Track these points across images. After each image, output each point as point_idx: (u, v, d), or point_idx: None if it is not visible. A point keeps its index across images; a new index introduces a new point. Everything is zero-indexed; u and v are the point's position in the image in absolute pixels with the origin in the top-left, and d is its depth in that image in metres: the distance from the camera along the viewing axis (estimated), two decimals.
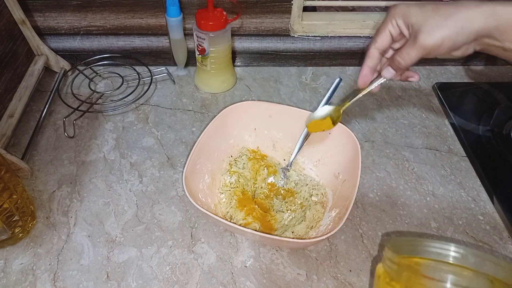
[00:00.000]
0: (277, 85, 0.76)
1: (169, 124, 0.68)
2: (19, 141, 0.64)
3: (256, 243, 0.52)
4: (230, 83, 0.75)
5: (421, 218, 0.55)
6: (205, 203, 0.52)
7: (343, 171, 0.55)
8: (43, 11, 0.71)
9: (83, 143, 0.64)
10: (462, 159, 0.63)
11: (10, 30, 0.66)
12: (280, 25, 0.74)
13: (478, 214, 0.55)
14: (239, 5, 0.70)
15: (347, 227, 0.54)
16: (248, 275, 0.49)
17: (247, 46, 0.77)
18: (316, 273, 0.49)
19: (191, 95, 0.74)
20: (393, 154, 0.64)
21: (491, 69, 0.81)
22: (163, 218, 0.54)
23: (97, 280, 0.48)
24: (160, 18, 0.72)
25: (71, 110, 0.67)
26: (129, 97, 0.71)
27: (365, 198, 0.57)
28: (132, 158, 0.62)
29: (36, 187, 0.58)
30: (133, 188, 0.58)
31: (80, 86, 0.74)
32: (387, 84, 0.77)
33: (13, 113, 0.63)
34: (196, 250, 0.51)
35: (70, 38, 0.75)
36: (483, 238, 0.53)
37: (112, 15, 0.71)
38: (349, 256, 0.51)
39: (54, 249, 0.51)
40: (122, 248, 0.51)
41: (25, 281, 0.47)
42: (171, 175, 0.60)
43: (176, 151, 0.63)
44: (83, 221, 0.54)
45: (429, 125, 0.69)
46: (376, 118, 0.70)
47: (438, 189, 0.59)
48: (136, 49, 0.77)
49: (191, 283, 0.48)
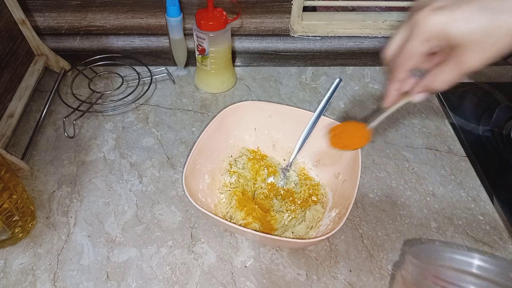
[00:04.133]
0: (277, 85, 0.76)
1: (169, 124, 0.68)
2: (19, 141, 0.64)
3: (256, 243, 0.52)
4: (230, 83, 0.75)
5: (421, 218, 0.55)
6: (205, 203, 0.52)
7: (343, 171, 0.55)
8: (43, 11, 0.71)
9: (83, 143, 0.64)
10: (462, 159, 0.63)
11: (10, 30, 0.66)
12: (280, 25, 0.74)
13: (478, 214, 0.55)
14: (239, 5, 0.70)
15: (347, 227, 0.54)
16: (248, 275, 0.49)
17: (247, 46, 0.77)
18: (316, 273, 0.49)
19: (191, 95, 0.74)
20: (393, 154, 0.64)
21: (491, 69, 0.81)
22: (163, 218, 0.54)
23: (97, 280, 0.48)
24: (160, 18, 0.72)
25: (71, 110, 0.67)
26: (129, 97, 0.71)
27: (365, 198, 0.57)
28: (132, 158, 0.62)
29: (36, 187, 0.58)
30: (133, 188, 0.58)
31: (80, 86, 0.74)
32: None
33: (13, 113, 0.63)
34: (196, 250, 0.51)
35: (70, 38, 0.75)
36: (483, 238, 0.53)
37: (112, 15, 0.71)
38: (349, 256, 0.51)
39: (54, 249, 0.51)
40: (122, 248, 0.51)
41: (25, 281, 0.47)
42: (171, 175, 0.60)
43: (176, 151, 0.63)
44: (83, 221, 0.54)
45: (429, 125, 0.69)
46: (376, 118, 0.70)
47: (438, 189, 0.59)
48: (136, 49, 0.77)
49: (191, 283, 0.48)
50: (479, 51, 0.31)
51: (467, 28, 0.30)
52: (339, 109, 0.71)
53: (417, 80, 0.37)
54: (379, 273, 0.49)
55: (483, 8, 0.29)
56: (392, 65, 0.36)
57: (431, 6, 0.31)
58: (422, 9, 0.32)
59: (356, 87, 0.76)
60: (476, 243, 0.52)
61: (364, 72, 0.80)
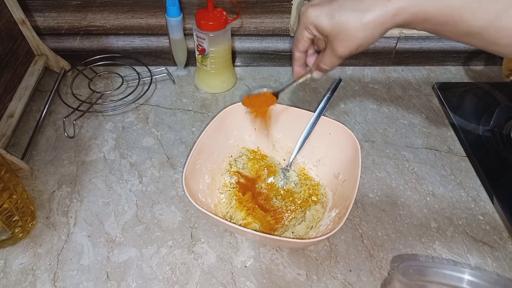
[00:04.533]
0: (277, 85, 0.76)
1: (169, 124, 0.68)
2: (19, 141, 0.64)
3: (256, 243, 0.52)
4: (230, 83, 0.75)
5: (421, 218, 0.55)
6: (205, 203, 0.52)
7: (343, 171, 0.55)
8: (43, 11, 0.71)
9: (83, 143, 0.64)
10: (462, 159, 0.63)
11: (10, 30, 0.66)
12: (280, 25, 0.74)
13: (478, 214, 0.55)
14: (239, 5, 0.70)
15: (347, 227, 0.54)
16: (248, 275, 0.49)
17: (247, 46, 0.77)
18: (316, 273, 0.49)
19: (191, 95, 0.74)
20: (393, 154, 0.64)
21: (491, 69, 0.81)
22: (163, 218, 0.54)
23: (97, 280, 0.48)
24: (160, 18, 0.72)
25: (71, 110, 0.67)
26: (129, 97, 0.71)
27: (365, 198, 0.57)
28: (132, 158, 0.62)
29: (36, 187, 0.58)
30: (133, 188, 0.58)
31: (80, 86, 0.74)
32: (386, 84, 0.77)
33: (13, 113, 0.63)
34: (196, 250, 0.51)
35: (70, 38, 0.75)
36: (483, 238, 0.53)
37: (112, 15, 0.71)
38: (349, 256, 0.51)
39: (54, 249, 0.51)
40: (122, 248, 0.51)
41: (25, 281, 0.47)
42: (171, 175, 0.60)
43: (176, 151, 0.63)
44: (83, 221, 0.54)
45: (429, 125, 0.69)
46: (376, 118, 0.70)
47: (438, 189, 0.59)
48: (136, 49, 0.77)
49: (191, 283, 0.48)
50: (342, 41, 0.38)
51: (329, 23, 0.37)
52: (339, 109, 0.71)
53: (314, 61, 0.46)
54: (379, 273, 0.49)
55: (345, 7, 0.36)
56: (292, 46, 0.45)
57: (311, 2, 0.39)
58: (306, 3, 0.40)
59: (356, 87, 0.76)
60: (476, 243, 0.52)
61: (364, 72, 0.80)
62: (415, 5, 0.34)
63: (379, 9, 0.35)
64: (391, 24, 0.35)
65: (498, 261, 0.50)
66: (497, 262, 0.50)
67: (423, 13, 0.34)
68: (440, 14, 0.34)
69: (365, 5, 0.35)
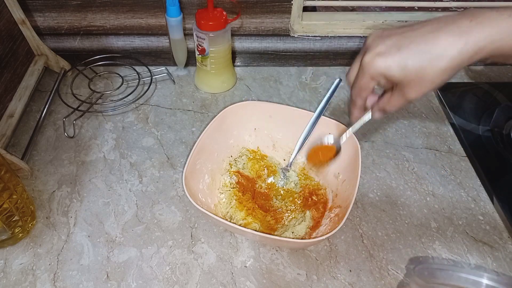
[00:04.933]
0: (277, 85, 0.76)
1: (169, 124, 0.68)
2: (19, 141, 0.64)
3: (256, 243, 0.52)
4: (230, 83, 0.75)
5: (421, 218, 0.55)
6: (205, 203, 0.52)
7: (343, 171, 0.55)
8: (43, 11, 0.71)
9: (83, 143, 0.64)
10: (462, 159, 0.63)
11: (10, 30, 0.66)
12: (280, 25, 0.74)
13: (478, 214, 0.55)
14: (239, 5, 0.70)
15: (347, 227, 0.54)
16: (248, 275, 0.49)
17: (247, 46, 0.77)
18: (316, 273, 0.49)
19: (191, 95, 0.74)
20: (393, 154, 0.64)
21: (491, 69, 0.81)
22: (163, 218, 0.54)
23: (97, 280, 0.48)
24: (160, 18, 0.72)
25: (71, 110, 0.67)
26: (129, 97, 0.71)
27: (365, 198, 0.57)
28: (132, 158, 0.62)
29: (36, 187, 0.58)
30: (133, 188, 0.58)
31: (80, 86, 0.74)
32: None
33: (13, 113, 0.63)
34: (196, 250, 0.51)
35: (70, 38, 0.75)
36: (483, 238, 0.53)
37: (112, 15, 0.71)
38: (349, 256, 0.51)
39: (54, 249, 0.51)
40: (122, 248, 0.51)
41: (25, 281, 0.47)
42: (171, 175, 0.60)
43: (176, 151, 0.63)
44: (83, 221, 0.54)
45: (429, 125, 0.69)
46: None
47: (438, 189, 0.59)
48: (136, 49, 0.77)
49: (191, 283, 0.48)
50: (414, 87, 0.36)
51: (401, 72, 0.36)
52: (339, 109, 0.71)
53: (376, 100, 0.43)
54: (379, 273, 0.49)
55: (417, 52, 0.35)
56: (352, 92, 0.42)
57: (374, 51, 0.37)
58: (368, 51, 0.38)
59: None
60: (476, 243, 0.52)
61: None
62: (492, 42, 0.33)
63: (457, 53, 0.33)
64: (468, 63, 0.35)
65: (498, 261, 0.50)
66: (497, 262, 0.50)
67: (500, 50, 0.34)
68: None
69: (440, 48, 0.34)
